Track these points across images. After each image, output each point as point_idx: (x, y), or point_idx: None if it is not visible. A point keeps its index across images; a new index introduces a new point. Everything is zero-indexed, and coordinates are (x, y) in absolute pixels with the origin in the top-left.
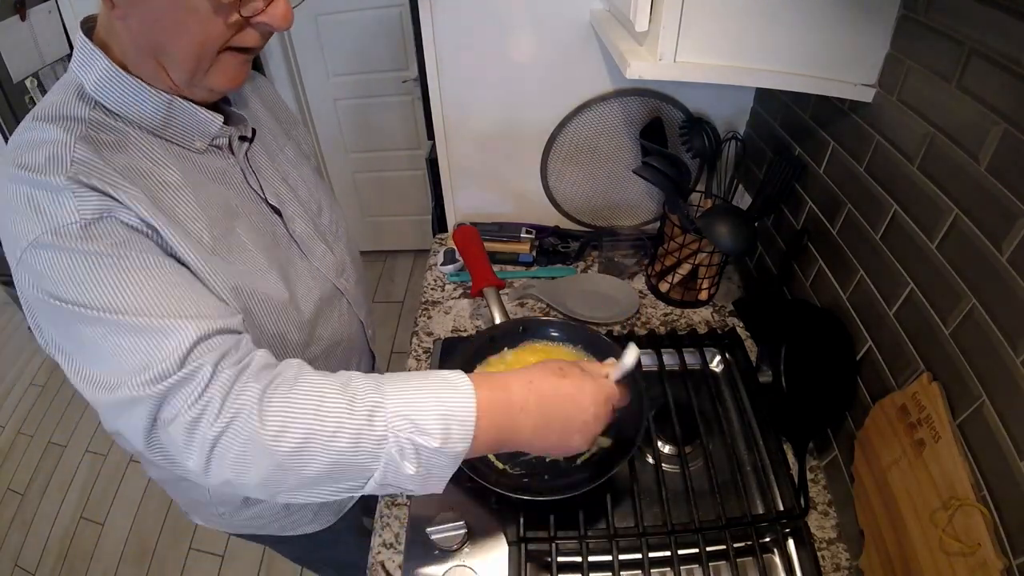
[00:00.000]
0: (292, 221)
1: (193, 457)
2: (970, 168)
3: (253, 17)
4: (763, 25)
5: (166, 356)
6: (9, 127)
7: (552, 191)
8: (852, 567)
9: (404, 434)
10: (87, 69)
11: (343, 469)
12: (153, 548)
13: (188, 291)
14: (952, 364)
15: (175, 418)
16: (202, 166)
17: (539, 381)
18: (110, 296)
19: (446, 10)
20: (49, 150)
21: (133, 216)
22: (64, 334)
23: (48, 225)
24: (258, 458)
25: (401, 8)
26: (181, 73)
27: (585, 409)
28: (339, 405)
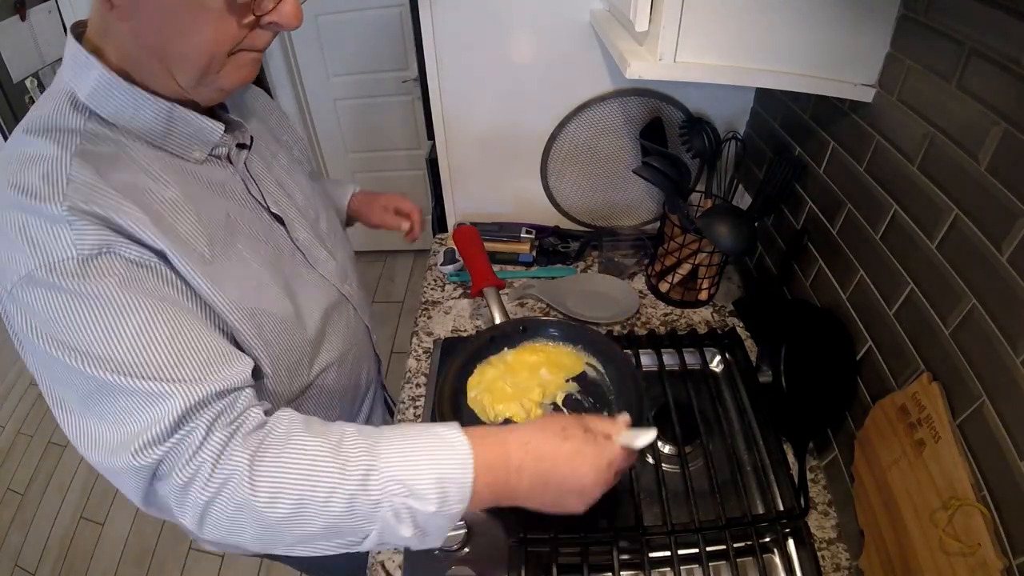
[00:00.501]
0: (294, 228)
1: (187, 517)
2: (970, 168)
3: (263, 17)
4: (763, 25)
5: (159, 420)
6: (9, 127)
7: (552, 191)
8: (852, 567)
9: (399, 499)
10: (81, 77)
11: (338, 530)
12: (153, 548)
13: (190, 341)
14: (952, 364)
15: (168, 478)
16: (201, 178)
17: (537, 442)
18: (105, 347)
19: (446, 10)
20: (44, 168)
21: (134, 247)
22: (56, 379)
23: (42, 259)
24: (251, 522)
25: (401, 8)
26: (190, 75)
27: (583, 475)
28: (331, 469)
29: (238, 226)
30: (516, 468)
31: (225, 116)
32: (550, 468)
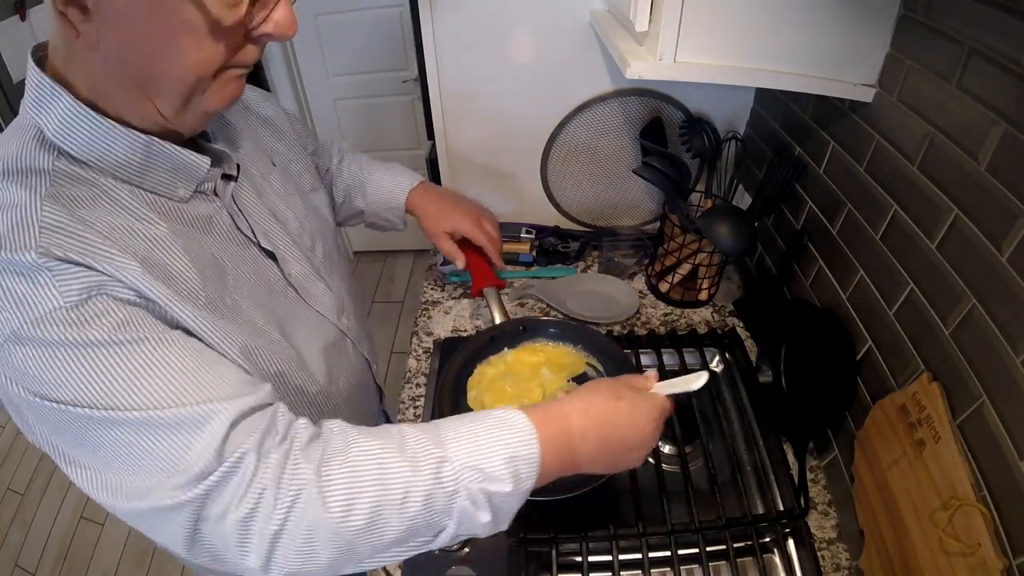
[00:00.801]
0: (286, 263)
1: (251, 555)
2: (970, 168)
3: (255, 30)
4: (763, 25)
5: (202, 451)
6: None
7: (552, 191)
8: (852, 567)
9: (475, 485)
10: (46, 110)
11: (416, 531)
12: (153, 548)
13: (207, 369)
14: (952, 364)
15: (224, 515)
16: (186, 216)
17: (595, 407)
18: (122, 392)
19: (446, 10)
20: (11, 216)
21: (126, 289)
22: (70, 440)
23: (27, 315)
24: (327, 542)
25: (401, 8)
26: (173, 102)
27: (643, 428)
28: (402, 469)
29: (225, 266)
30: (580, 435)
31: (209, 147)
32: (612, 429)
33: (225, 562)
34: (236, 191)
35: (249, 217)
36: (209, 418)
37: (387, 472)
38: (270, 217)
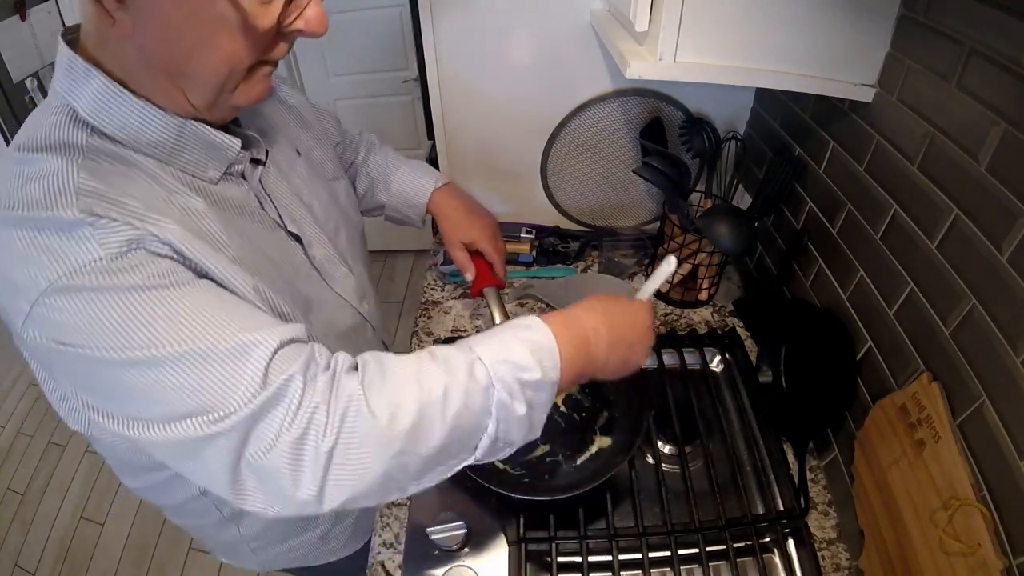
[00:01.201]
0: (311, 247)
1: (304, 483)
2: (970, 168)
3: (287, 26)
4: (763, 25)
5: (250, 379)
6: (9, 127)
7: (552, 191)
8: (852, 567)
9: (509, 376)
10: (79, 89)
11: (460, 434)
12: (153, 548)
13: (246, 309)
14: (952, 364)
15: (274, 444)
16: (216, 197)
17: (599, 308)
18: (162, 330)
19: (446, 10)
20: (47, 183)
21: (164, 246)
22: (104, 389)
23: (66, 266)
24: (377, 451)
25: (401, 8)
26: (204, 95)
27: (642, 323)
28: (437, 372)
29: (257, 246)
30: (592, 330)
31: (239, 131)
32: (617, 324)
33: (273, 500)
34: (264, 176)
35: (276, 201)
36: (251, 347)
37: (425, 377)
38: (296, 201)
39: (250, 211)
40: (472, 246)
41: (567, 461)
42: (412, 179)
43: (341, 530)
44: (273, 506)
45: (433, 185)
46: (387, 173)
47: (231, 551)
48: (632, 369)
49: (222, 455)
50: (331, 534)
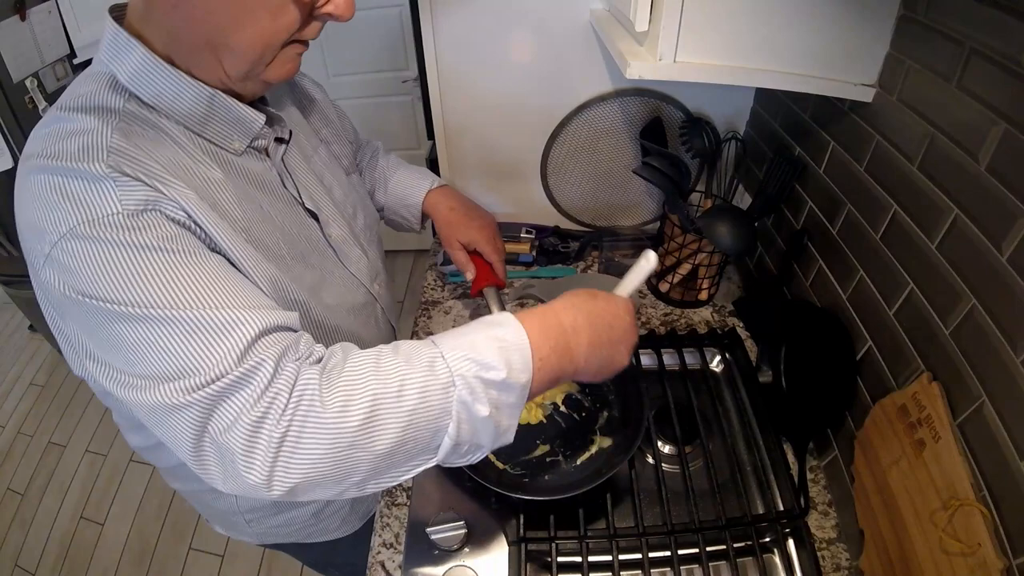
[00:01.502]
0: (328, 225)
1: (255, 467)
2: (970, 168)
3: (319, 8)
4: (763, 25)
5: (225, 354)
6: (9, 127)
7: (552, 191)
8: (852, 567)
9: (470, 374)
10: (121, 59)
11: (416, 433)
12: (153, 548)
13: (243, 286)
14: (952, 364)
15: (234, 423)
16: (239, 169)
17: (580, 304)
18: (159, 291)
19: (446, 10)
20: (82, 140)
21: (179, 211)
22: (100, 338)
23: (86, 215)
24: (327, 444)
25: (401, 8)
26: (240, 67)
27: (624, 319)
28: (397, 364)
29: (273, 219)
30: (572, 328)
31: (265, 109)
32: (599, 321)
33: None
34: (286, 155)
35: (296, 179)
36: (236, 325)
37: (382, 369)
38: (316, 182)
39: (271, 187)
40: (471, 246)
41: (567, 461)
42: (408, 180)
43: (334, 510)
44: (228, 482)
45: (428, 186)
46: (387, 175)
47: (227, 521)
48: (615, 371)
49: (188, 424)
50: (324, 512)
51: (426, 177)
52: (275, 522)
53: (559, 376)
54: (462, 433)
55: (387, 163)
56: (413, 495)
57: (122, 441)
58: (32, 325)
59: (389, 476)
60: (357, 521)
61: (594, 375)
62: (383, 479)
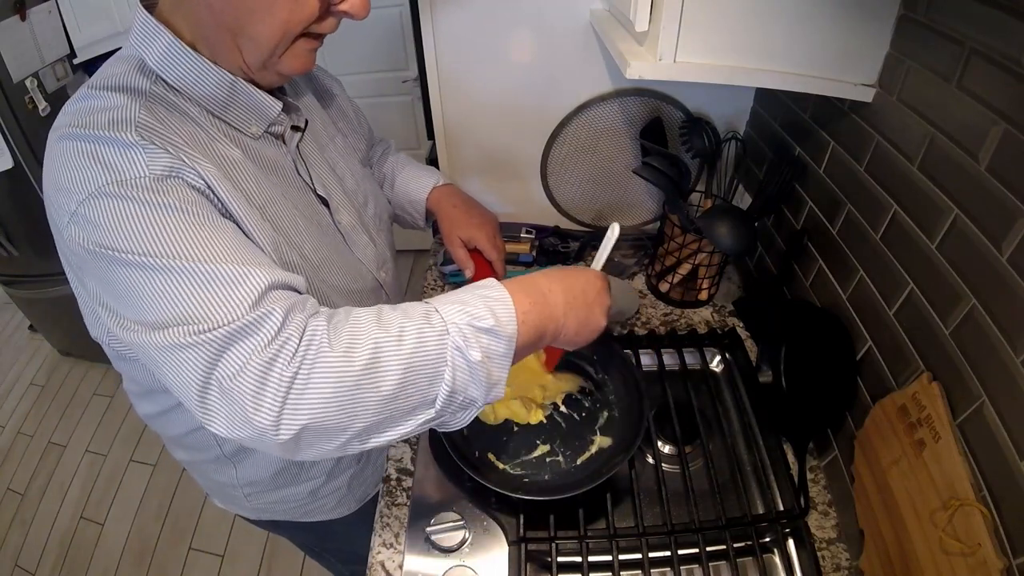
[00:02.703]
0: (338, 212)
1: (264, 408)
2: (970, 168)
3: (336, 5)
4: (763, 25)
5: (238, 303)
6: (9, 127)
7: (552, 191)
8: (852, 567)
9: (462, 322)
10: (149, 44)
11: (416, 377)
12: (153, 548)
13: (254, 249)
14: (952, 364)
15: (243, 368)
16: (256, 152)
17: (553, 273)
18: (178, 244)
19: (446, 10)
20: (112, 114)
21: (199, 179)
22: (117, 288)
23: (114, 176)
24: (334, 385)
25: (401, 8)
26: (258, 55)
27: (595, 283)
28: (395, 315)
29: (289, 202)
30: (548, 290)
31: (283, 98)
32: (572, 285)
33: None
34: (301, 143)
35: (310, 166)
36: (247, 277)
37: (383, 320)
38: (329, 171)
39: (284, 172)
40: (471, 243)
41: (567, 461)
42: (414, 177)
43: (332, 489)
44: (233, 428)
45: (433, 183)
46: (394, 172)
47: (226, 495)
48: (594, 331)
49: (196, 367)
50: (321, 492)
51: (431, 175)
52: (272, 498)
53: (542, 331)
54: (457, 380)
55: (396, 160)
56: (413, 495)
57: (122, 441)
58: (32, 325)
59: (392, 429)
60: (354, 503)
61: (575, 334)
62: (385, 432)
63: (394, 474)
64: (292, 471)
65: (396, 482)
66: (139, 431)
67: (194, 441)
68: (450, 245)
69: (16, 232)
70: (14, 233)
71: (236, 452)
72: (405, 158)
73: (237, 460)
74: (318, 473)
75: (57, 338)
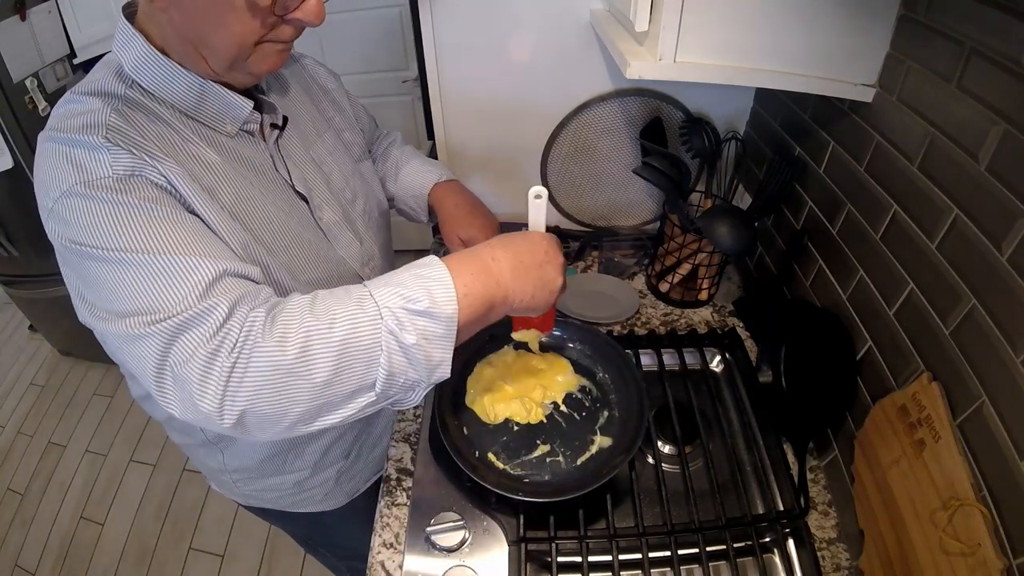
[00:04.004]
0: (320, 208)
1: (208, 396)
2: (970, 168)
3: (287, 15)
4: (763, 25)
5: (183, 294)
6: (9, 127)
7: (552, 191)
8: (852, 567)
9: (395, 305)
10: (126, 50)
11: (349, 362)
12: (153, 548)
13: (209, 239)
14: (952, 364)
15: (191, 356)
16: (232, 150)
17: (494, 240)
18: (135, 238)
19: (446, 10)
20: (85, 118)
21: (160, 176)
22: (86, 280)
23: (82, 177)
24: (267, 374)
25: (401, 8)
26: (220, 62)
27: (541, 243)
28: (329, 303)
29: (261, 198)
30: (490, 257)
31: (258, 97)
32: (518, 247)
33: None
34: (283, 139)
35: (290, 162)
36: (197, 268)
37: (316, 307)
38: (314, 168)
39: (262, 169)
40: (471, 243)
41: (567, 461)
42: (418, 171)
43: (319, 482)
44: (185, 412)
45: (436, 178)
46: (399, 166)
47: (217, 479)
48: (551, 292)
49: (150, 353)
50: (308, 483)
51: (435, 169)
52: (260, 485)
53: (489, 301)
54: (394, 364)
55: (401, 153)
56: (413, 495)
57: (122, 441)
58: (32, 325)
59: (333, 413)
60: (344, 497)
61: (532, 297)
62: (328, 415)
63: (394, 474)
64: (277, 461)
65: (396, 482)
66: (139, 431)
67: (180, 425)
68: (450, 245)
69: (16, 232)
70: (14, 233)
71: (220, 438)
72: (412, 151)
73: (223, 446)
74: (304, 466)
75: (57, 338)
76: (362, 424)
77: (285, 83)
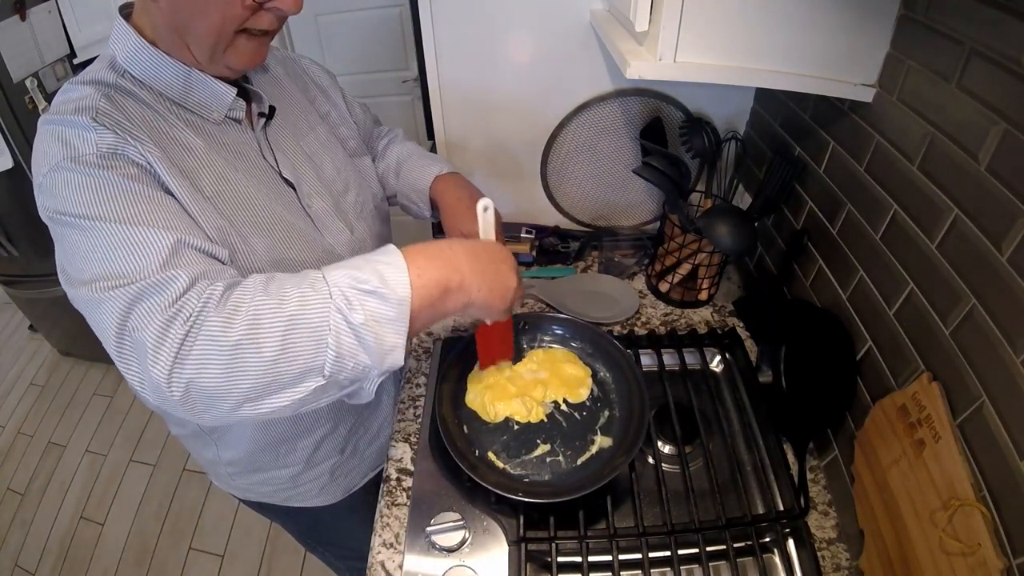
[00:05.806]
0: (309, 197)
1: (160, 364)
2: (970, 168)
3: (266, 2)
4: (763, 25)
5: (145, 263)
6: (9, 127)
7: (552, 191)
8: (852, 567)
9: (346, 285)
10: (120, 43)
11: (297, 339)
12: (153, 548)
13: (180, 217)
14: (952, 364)
15: (148, 323)
16: (218, 137)
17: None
18: (105, 208)
19: (446, 10)
20: (78, 103)
21: (140, 156)
22: (63, 247)
23: (69, 153)
24: (217, 346)
25: (401, 8)
26: (203, 51)
27: (495, 246)
28: (281, 282)
29: (246, 180)
30: (447, 246)
31: (244, 86)
32: (473, 246)
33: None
34: (272, 130)
35: (278, 151)
36: (160, 240)
37: (270, 287)
38: (303, 157)
39: (246, 154)
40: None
41: (568, 461)
42: (419, 166)
43: (313, 477)
44: (140, 380)
45: (437, 171)
46: (400, 161)
47: (214, 471)
48: (507, 290)
49: (112, 317)
50: (301, 479)
51: (436, 163)
52: (254, 479)
53: (445, 285)
54: (343, 345)
55: (403, 149)
56: (413, 495)
57: (122, 441)
58: (32, 325)
59: (280, 394)
60: (339, 493)
61: (489, 291)
62: (276, 396)
63: (394, 474)
64: (270, 454)
65: (396, 482)
66: (139, 431)
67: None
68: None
69: (16, 232)
70: (14, 233)
71: (212, 429)
72: (413, 147)
73: (216, 437)
74: (297, 460)
75: (57, 338)
76: (356, 419)
77: (278, 78)
